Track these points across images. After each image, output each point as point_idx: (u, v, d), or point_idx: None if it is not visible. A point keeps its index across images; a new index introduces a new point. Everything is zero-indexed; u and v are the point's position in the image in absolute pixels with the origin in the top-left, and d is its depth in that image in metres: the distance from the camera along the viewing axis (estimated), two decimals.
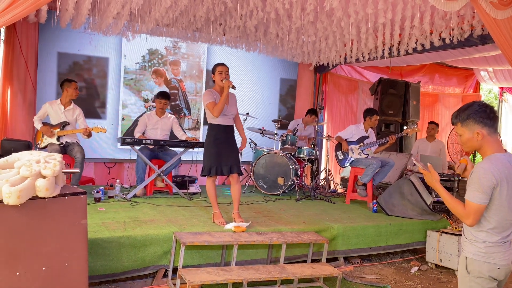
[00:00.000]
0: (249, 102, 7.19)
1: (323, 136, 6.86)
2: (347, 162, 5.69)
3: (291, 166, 5.82)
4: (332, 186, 7.00)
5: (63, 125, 4.92)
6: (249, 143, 6.42)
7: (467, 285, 2.08)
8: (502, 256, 2.02)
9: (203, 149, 4.10)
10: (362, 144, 5.63)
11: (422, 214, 4.88)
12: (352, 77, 8.46)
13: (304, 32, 5.83)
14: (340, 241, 4.21)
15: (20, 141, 4.85)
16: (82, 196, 2.43)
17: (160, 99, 5.42)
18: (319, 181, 6.91)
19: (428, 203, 4.96)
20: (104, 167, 6.31)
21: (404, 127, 7.69)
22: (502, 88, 9.50)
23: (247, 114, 6.42)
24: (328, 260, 3.97)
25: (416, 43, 5.33)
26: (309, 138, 7.03)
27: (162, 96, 5.44)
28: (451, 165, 7.04)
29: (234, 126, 4.14)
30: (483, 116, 2.03)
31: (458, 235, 4.20)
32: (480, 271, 2.03)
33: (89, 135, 4.89)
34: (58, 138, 4.88)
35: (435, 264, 4.44)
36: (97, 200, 4.55)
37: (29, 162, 2.25)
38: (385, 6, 4.33)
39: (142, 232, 3.42)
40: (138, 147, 5.10)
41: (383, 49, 5.81)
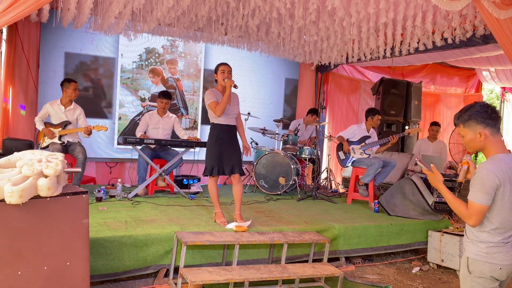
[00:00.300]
0: (252, 101, 7.18)
1: (325, 136, 6.85)
2: (349, 162, 5.68)
3: (292, 166, 5.82)
4: (333, 186, 6.99)
5: (64, 124, 4.93)
6: (251, 142, 6.42)
7: (469, 285, 2.08)
8: (504, 256, 2.01)
9: (204, 148, 4.10)
10: (363, 144, 5.62)
11: (424, 214, 4.87)
12: (354, 77, 8.44)
13: (306, 31, 5.82)
14: (341, 241, 4.21)
15: (22, 141, 4.86)
16: (83, 196, 2.44)
17: (162, 98, 5.43)
18: (321, 181, 6.90)
19: (430, 203, 4.95)
20: (106, 166, 6.32)
21: (405, 127, 7.68)
22: (504, 88, 9.47)
23: (249, 113, 6.41)
24: (330, 260, 3.96)
25: (418, 43, 5.31)
26: (310, 138, 7.02)
27: (163, 96, 5.45)
28: (453, 165, 7.02)
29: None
30: (485, 117, 2.03)
31: (459, 235, 4.20)
32: (481, 271, 2.03)
33: (89, 134, 4.90)
34: (59, 137, 4.89)
35: (437, 264, 4.43)
36: (99, 200, 4.55)
37: (31, 162, 2.25)
38: (387, 5, 4.31)
39: (143, 231, 3.42)
40: (139, 146, 5.10)
41: (385, 49, 5.80)
